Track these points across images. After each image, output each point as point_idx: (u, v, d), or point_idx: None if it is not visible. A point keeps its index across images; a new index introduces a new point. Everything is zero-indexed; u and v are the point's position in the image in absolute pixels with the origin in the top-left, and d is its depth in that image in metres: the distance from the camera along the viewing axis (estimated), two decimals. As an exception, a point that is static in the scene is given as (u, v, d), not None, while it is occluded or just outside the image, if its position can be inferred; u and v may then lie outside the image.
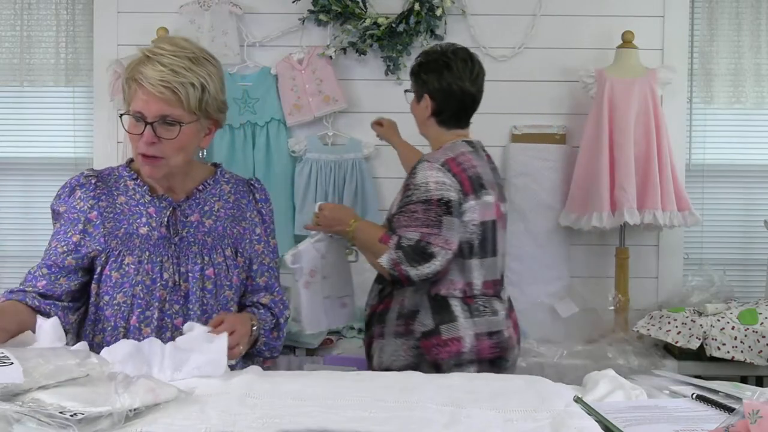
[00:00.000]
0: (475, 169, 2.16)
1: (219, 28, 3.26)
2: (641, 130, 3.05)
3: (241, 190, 1.84)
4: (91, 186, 1.72)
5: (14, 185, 3.48)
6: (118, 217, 1.70)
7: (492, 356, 2.14)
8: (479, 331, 2.11)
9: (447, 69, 2.23)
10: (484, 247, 2.15)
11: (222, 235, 1.76)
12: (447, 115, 2.27)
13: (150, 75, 1.59)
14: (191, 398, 1.29)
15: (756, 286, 3.39)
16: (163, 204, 1.72)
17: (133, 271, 1.66)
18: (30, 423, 1.08)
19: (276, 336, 1.82)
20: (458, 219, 2.08)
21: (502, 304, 2.22)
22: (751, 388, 1.40)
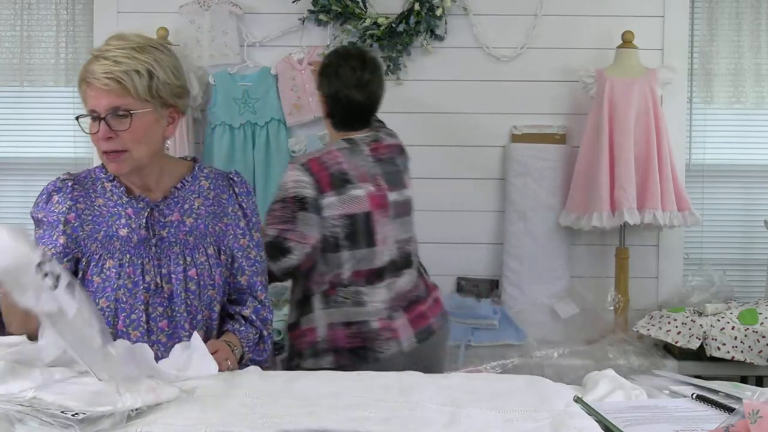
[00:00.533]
0: (340, 166, 2.20)
1: (219, 28, 3.27)
2: (641, 130, 3.05)
3: (221, 184, 1.80)
4: (68, 189, 1.69)
5: (14, 185, 3.48)
6: (96, 220, 1.67)
7: (350, 346, 2.17)
8: (333, 321, 2.18)
9: (335, 76, 2.29)
10: (354, 239, 2.19)
11: (204, 233, 1.73)
12: (337, 119, 2.33)
13: (95, 70, 1.58)
14: (191, 398, 1.29)
15: (756, 286, 3.39)
16: (141, 205, 1.69)
17: (114, 275, 1.64)
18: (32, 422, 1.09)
19: (262, 348, 1.81)
20: (315, 215, 2.15)
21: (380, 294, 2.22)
22: (751, 388, 1.40)
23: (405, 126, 3.33)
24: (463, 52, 3.34)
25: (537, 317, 3.17)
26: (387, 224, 2.25)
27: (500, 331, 3.01)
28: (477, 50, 3.34)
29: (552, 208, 3.25)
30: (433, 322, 2.32)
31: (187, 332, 1.68)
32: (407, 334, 2.23)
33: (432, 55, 3.32)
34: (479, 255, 3.38)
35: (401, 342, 2.20)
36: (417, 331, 2.26)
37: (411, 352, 2.21)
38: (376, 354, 2.17)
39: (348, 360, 2.15)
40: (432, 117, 3.35)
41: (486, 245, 3.38)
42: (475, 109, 3.34)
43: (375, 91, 2.32)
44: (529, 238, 3.24)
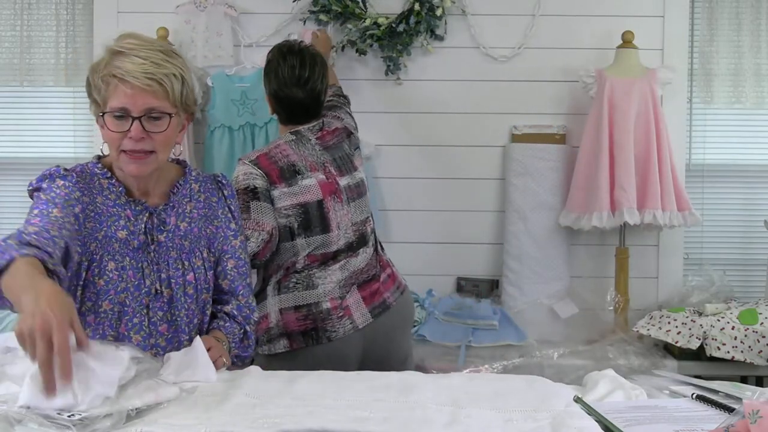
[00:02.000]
0: (288, 158, 2.26)
1: (214, 29, 3.27)
2: (641, 130, 3.05)
3: (210, 187, 1.80)
4: (72, 179, 1.65)
5: (14, 185, 3.48)
6: (98, 218, 1.64)
7: (302, 329, 2.21)
8: (284, 306, 2.22)
9: (275, 74, 2.35)
10: (308, 227, 2.24)
11: (198, 236, 1.73)
12: (282, 117, 2.40)
13: (131, 68, 1.55)
14: (191, 398, 1.29)
15: (756, 286, 3.39)
16: (139, 208, 1.67)
17: (116, 278, 1.62)
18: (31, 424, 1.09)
19: (246, 345, 1.81)
20: (267, 203, 2.21)
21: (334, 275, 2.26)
22: (751, 388, 1.40)
23: (405, 126, 3.35)
24: (463, 52, 3.34)
25: (537, 317, 3.17)
26: (341, 209, 2.30)
27: (500, 331, 3.01)
28: (477, 50, 3.34)
29: (552, 208, 3.25)
30: (387, 296, 2.35)
31: (187, 336, 1.68)
32: (361, 311, 2.27)
33: (432, 55, 3.32)
34: (479, 255, 3.38)
35: (354, 320, 2.24)
36: (371, 307, 2.29)
37: (366, 329, 2.26)
38: (329, 334, 2.21)
39: (301, 343, 2.20)
40: (432, 117, 3.35)
41: (486, 245, 3.38)
42: (475, 109, 3.34)
43: (315, 87, 2.36)
44: (529, 238, 3.24)
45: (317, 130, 2.39)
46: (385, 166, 3.34)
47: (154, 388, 1.25)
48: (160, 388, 1.26)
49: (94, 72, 1.62)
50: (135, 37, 1.63)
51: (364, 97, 3.33)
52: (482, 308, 3.11)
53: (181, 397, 1.27)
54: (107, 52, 1.61)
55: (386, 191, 3.35)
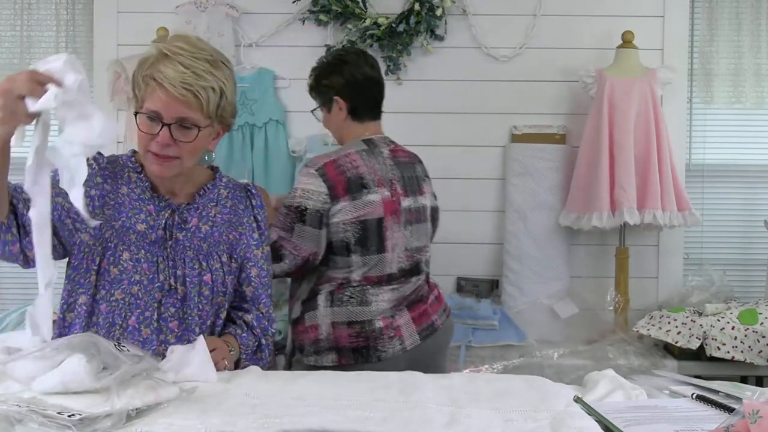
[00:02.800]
0: (357, 170, 2.19)
1: (215, 30, 3.27)
2: (641, 130, 3.05)
3: (239, 195, 1.82)
4: (102, 162, 1.69)
5: (14, 185, 3.48)
6: (118, 208, 1.66)
7: (352, 345, 2.16)
8: (337, 319, 2.17)
9: (344, 63, 2.31)
10: (365, 245, 2.18)
11: (218, 241, 1.73)
12: (361, 107, 2.32)
13: (171, 75, 1.56)
14: (191, 398, 1.29)
15: (756, 286, 3.40)
16: (162, 205, 1.69)
17: (131, 269, 1.64)
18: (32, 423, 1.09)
19: (259, 357, 1.81)
20: (314, 228, 2.14)
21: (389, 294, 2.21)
22: (751, 388, 1.40)
23: (405, 126, 3.34)
24: (464, 52, 3.34)
25: (537, 317, 3.17)
26: (398, 231, 2.23)
27: (501, 331, 3.01)
28: (477, 50, 3.34)
29: (552, 208, 3.25)
30: (435, 318, 2.31)
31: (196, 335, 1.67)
32: (410, 332, 2.22)
33: (432, 55, 3.32)
34: (479, 255, 3.38)
35: (404, 340, 2.20)
36: (420, 328, 2.25)
37: (413, 350, 2.21)
38: (379, 353, 2.16)
39: (350, 359, 2.15)
40: (432, 117, 3.35)
41: (486, 245, 3.38)
42: (475, 109, 3.34)
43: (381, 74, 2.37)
44: (529, 238, 3.24)
45: (390, 142, 2.34)
46: (385, 166, 3.34)
47: (154, 388, 1.25)
48: (160, 388, 1.26)
49: (139, 68, 1.63)
50: (186, 41, 1.62)
51: (364, 97, 3.33)
52: (482, 308, 3.11)
53: (181, 397, 1.27)
54: (156, 52, 1.60)
55: (386, 191, 3.35)
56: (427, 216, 2.36)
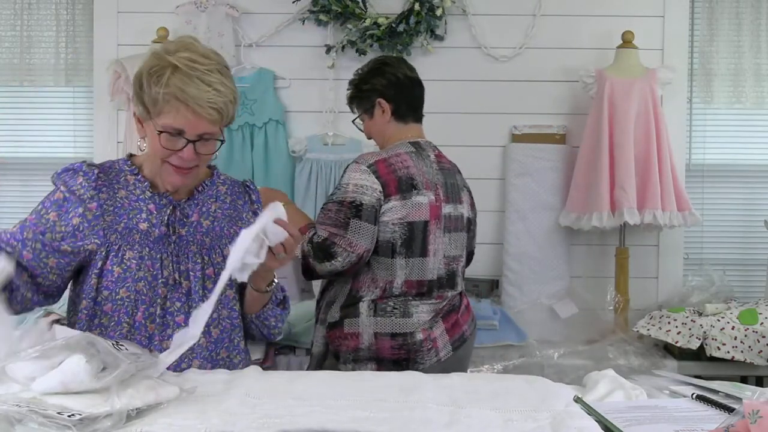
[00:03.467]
0: (408, 170, 2.17)
1: (215, 30, 3.27)
2: (641, 130, 3.05)
3: (237, 191, 1.85)
4: (93, 176, 1.69)
5: (14, 185, 3.48)
6: (118, 211, 1.68)
7: (394, 357, 2.14)
8: (380, 330, 2.14)
9: (385, 65, 2.32)
10: (410, 247, 2.16)
11: (219, 235, 1.76)
12: (405, 107, 2.31)
13: (196, 96, 1.58)
14: (191, 398, 1.29)
15: (756, 286, 3.40)
16: (164, 202, 1.72)
17: (135, 267, 1.65)
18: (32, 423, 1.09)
19: (283, 308, 1.85)
20: (370, 224, 2.11)
21: (428, 306, 2.20)
22: (751, 388, 1.40)
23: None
24: (464, 52, 3.34)
25: (537, 317, 3.17)
26: (439, 236, 2.22)
27: (501, 331, 3.01)
28: (477, 50, 3.34)
29: (552, 208, 3.25)
30: (465, 328, 2.30)
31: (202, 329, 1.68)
32: (444, 342, 2.21)
33: (432, 55, 3.32)
34: (479, 255, 3.34)
35: (439, 351, 2.19)
36: (452, 339, 2.24)
37: (446, 361, 2.20)
38: (417, 365, 2.14)
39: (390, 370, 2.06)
40: (432, 117, 3.34)
41: (486, 245, 3.37)
42: (475, 109, 3.34)
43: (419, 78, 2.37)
44: (529, 238, 3.24)
45: (434, 147, 2.33)
46: (385, 166, 3.34)
47: (154, 388, 1.25)
48: (160, 388, 1.26)
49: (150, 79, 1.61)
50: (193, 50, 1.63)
51: (364, 97, 3.33)
52: (482, 308, 3.11)
53: (181, 397, 1.27)
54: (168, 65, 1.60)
55: (386, 191, 3.35)
56: (464, 225, 2.34)
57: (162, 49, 1.64)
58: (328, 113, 3.31)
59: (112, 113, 3.30)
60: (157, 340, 1.64)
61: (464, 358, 2.32)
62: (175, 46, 1.64)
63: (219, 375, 1.48)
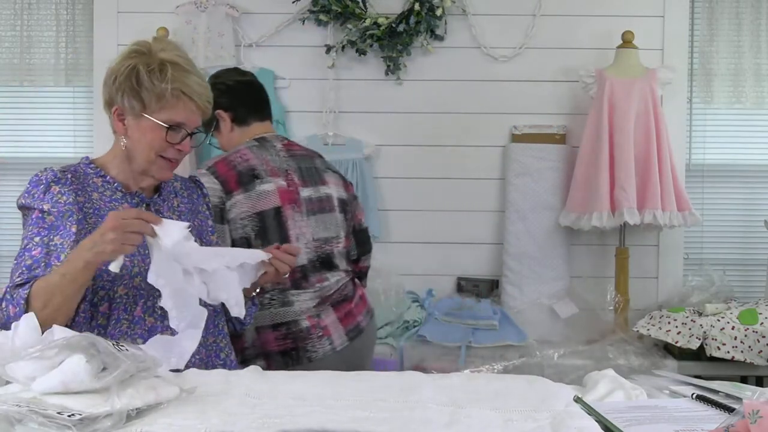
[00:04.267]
0: (248, 162, 2.18)
1: (215, 30, 3.27)
2: (641, 130, 3.05)
3: (190, 186, 1.92)
4: (67, 181, 1.69)
5: (14, 185, 3.47)
6: (98, 213, 1.68)
7: (280, 348, 2.13)
8: (261, 324, 2.12)
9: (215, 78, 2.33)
10: (265, 237, 2.13)
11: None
12: (242, 110, 2.31)
13: (197, 89, 1.68)
14: (191, 398, 1.29)
15: (756, 286, 3.39)
16: (136, 200, 1.74)
17: (129, 264, 1.65)
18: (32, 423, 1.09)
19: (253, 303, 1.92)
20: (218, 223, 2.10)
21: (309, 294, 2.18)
22: (751, 388, 1.40)
23: (405, 126, 3.35)
24: (464, 52, 3.34)
25: (537, 317, 3.17)
26: (300, 220, 2.20)
27: (501, 331, 3.01)
28: (477, 50, 3.34)
29: (552, 208, 3.25)
30: (360, 319, 2.29)
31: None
32: (338, 332, 2.20)
33: (432, 55, 3.32)
34: (479, 255, 3.38)
35: (333, 340, 2.18)
36: (347, 329, 2.23)
37: (343, 351, 2.19)
38: (309, 354, 2.13)
39: (280, 364, 2.10)
40: (432, 117, 3.35)
41: (486, 245, 3.38)
42: (475, 109, 3.34)
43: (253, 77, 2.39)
44: (529, 238, 3.24)
45: (283, 139, 2.35)
46: (385, 166, 3.34)
47: (154, 388, 1.25)
48: (160, 388, 1.26)
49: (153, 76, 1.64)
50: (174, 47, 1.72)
51: (364, 97, 3.33)
52: (482, 308, 3.11)
53: (181, 397, 1.27)
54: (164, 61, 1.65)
55: (386, 191, 3.35)
56: (334, 206, 2.31)
57: (145, 48, 1.68)
58: (328, 113, 3.31)
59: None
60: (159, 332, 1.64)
61: (363, 350, 2.30)
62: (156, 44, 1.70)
63: (219, 375, 1.48)
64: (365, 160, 3.31)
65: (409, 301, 3.16)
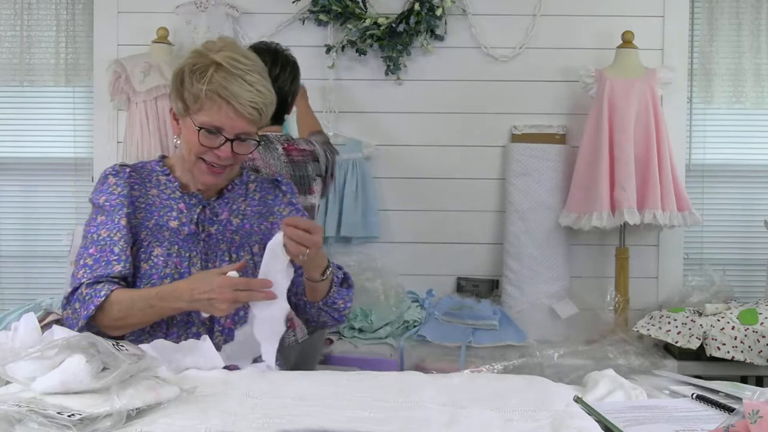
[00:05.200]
0: (253, 162, 2.18)
1: (215, 30, 3.26)
2: (641, 130, 3.05)
3: (267, 187, 1.85)
4: (125, 174, 1.71)
5: (14, 185, 3.48)
6: (149, 209, 1.70)
7: None
8: None
9: None
10: None
11: (249, 232, 1.76)
12: None
13: (239, 94, 1.61)
14: (191, 398, 1.29)
15: (756, 286, 3.40)
16: (193, 201, 1.73)
17: (161, 263, 1.65)
18: (32, 423, 1.09)
19: (348, 286, 1.80)
20: None
21: None
22: (751, 388, 1.40)
23: (405, 126, 3.36)
24: (464, 52, 3.34)
25: (537, 317, 3.17)
26: None
27: (501, 331, 3.01)
28: (477, 50, 3.34)
29: (552, 208, 3.25)
30: None
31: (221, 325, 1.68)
32: (300, 325, 2.22)
33: (432, 55, 3.32)
34: (479, 255, 3.38)
35: (296, 332, 2.21)
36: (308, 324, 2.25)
37: (303, 344, 2.23)
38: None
39: None
40: (432, 117, 3.35)
41: (486, 245, 3.38)
42: (475, 109, 3.34)
43: (284, 86, 2.31)
44: (529, 238, 3.24)
45: (284, 140, 2.33)
46: (385, 166, 3.34)
47: (154, 388, 1.25)
48: (160, 388, 1.25)
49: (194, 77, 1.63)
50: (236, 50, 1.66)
51: (364, 97, 3.33)
52: (482, 308, 3.11)
53: (181, 397, 1.27)
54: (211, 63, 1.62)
55: (386, 191, 3.35)
56: (314, 215, 2.37)
57: (204, 47, 1.67)
58: (328, 113, 3.31)
59: (112, 113, 3.30)
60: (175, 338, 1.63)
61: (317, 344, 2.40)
62: (217, 45, 1.66)
63: (219, 375, 1.48)
64: (365, 160, 3.31)
65: (409, 301, 3.16)
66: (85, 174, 3.41)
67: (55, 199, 3.46)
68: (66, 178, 3.45)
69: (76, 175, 3.44)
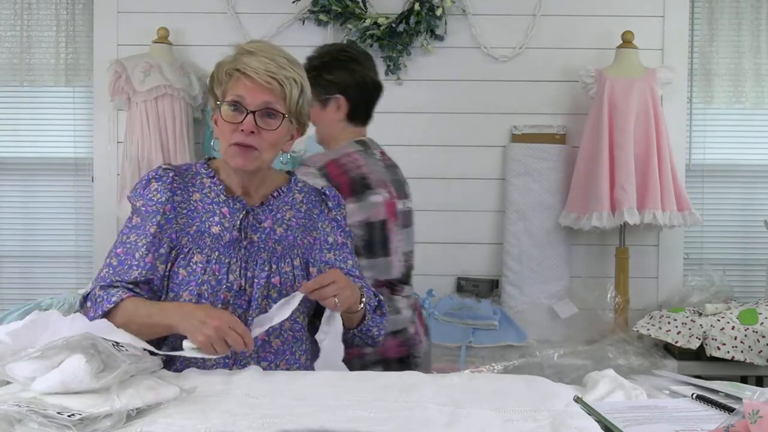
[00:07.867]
0: (360, 170, 2.09)
1: (216, 30, 3.27)
2: (641, 130, 3.05)
3: (313, 199, 1.80)
4: (168, 179, 1.69)
5: (14, 185, 3.48)
6: (191, 214, 1.67)
7: (400, 355, 2.11)
8: None
9: (355, 62, 2.19)
10: (371, 249, 2.08)
11: (292, 244, 1.72)
12: (361, 111, 2.21)
13: (255, 65, 1.61)
14: (191, 398, 1.29)
15: (756, 286, 3.40)
16: (237, 206, 1.69)
17: (200, 270, 1.63)
18: (32, 423, 1.09)
19: (381, 314, 1.78)
20: None
21: (406, 301, 2.18)
22: (751, 388, 1.39)
23: (405, 126, 3.35)
24: (464, 52, 3.34)
25: (537, 317, 3.17)
26: (397, 234, 2.16)
27: (501, 331, 3.01)
28: (477, 50, 3.34)
29: (552, 208, 3.25)
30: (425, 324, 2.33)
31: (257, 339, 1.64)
32: (423, 335, 2.23)
33: (432, 55, 3.32)
34: (479, 255, 3.38)
35: (423, 344, 2.20)
36: (425, 330, 2.27)
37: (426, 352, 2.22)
38: (416, 360, 2.13)
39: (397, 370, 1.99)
40: (432, 117, 3.35)
41: (486, 245, 3.38)
42: (475, 109, 3.35)
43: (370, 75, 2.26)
44: (529, 238, 3.24)
45: (378, 145, 2.25)
46: (385, 166, 3.34)
47: (154, 388, 1.25)
48: (160, 388, 1.25)
49: (219, 67, 1.67)
50: (265, 42, 1.71)
51: (364, 97, 3.33)
52: (482, 308, 3.11)
53: (181, 397, 1.27)
54: (236, 50, 1.66)
55: (386, 191, 3.35)
56: (412, 220, 2.31)
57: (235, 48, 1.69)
58: (328, 113, 3.31)
59: (112, 113, 3.30)
60: None
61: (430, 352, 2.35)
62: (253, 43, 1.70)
63: (219, 375, 1.48)
64: (365, 160, 3.30)
65: (409, 301, 3.16)
66: (85, 174, 3.41)
67: (55, 199, 3.46)
68: (66, 178, 3.45)
69: (76, 175, 3.44)
